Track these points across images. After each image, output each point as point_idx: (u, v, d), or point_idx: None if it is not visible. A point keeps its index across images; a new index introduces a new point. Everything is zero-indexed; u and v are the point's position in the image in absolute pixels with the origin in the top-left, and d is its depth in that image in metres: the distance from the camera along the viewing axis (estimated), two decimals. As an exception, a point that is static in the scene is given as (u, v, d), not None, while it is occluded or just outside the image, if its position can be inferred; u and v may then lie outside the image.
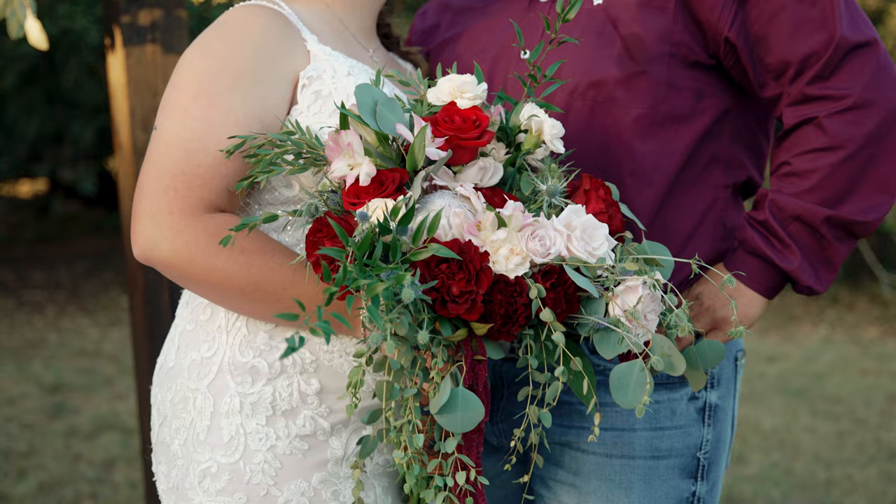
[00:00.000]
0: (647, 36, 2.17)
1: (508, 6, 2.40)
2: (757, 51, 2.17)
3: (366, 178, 1.74)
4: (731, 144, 2.28)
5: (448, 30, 2.52)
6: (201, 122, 1.94)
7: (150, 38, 3.42)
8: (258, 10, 2.07)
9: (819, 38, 2.11)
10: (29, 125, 11.76)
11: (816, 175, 2.12)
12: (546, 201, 1.89)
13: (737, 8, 2.15)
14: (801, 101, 2.15)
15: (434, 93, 1.91)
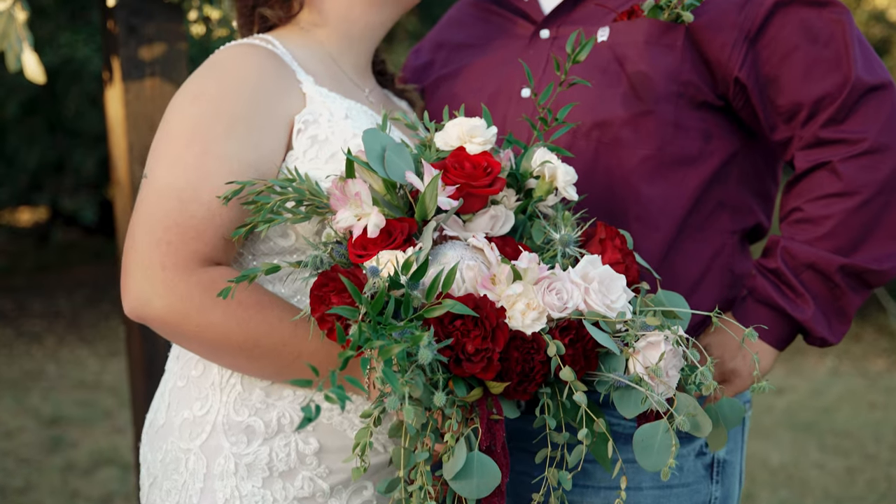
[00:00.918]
0: (655, 75, 2.09)
1: (507, 43, 2.33)
2: (768, 92, 2.09)
3: (374, 230, 1.66)
4: (738, 189, 2.19)
5: (443, 67, 2.44)
6: (195, 170, 1.85)
7: (149, 71, 3.33)
8: (252, 51, 1.99)
9: (833, 80, 2.03)
10: (30, 154, 11.69)
11: (830, 222, 2.04)
12: (560, 251, 1.80)
13: (747, 48, 2.07)
14: (813, 144, 2.07)
15: (442, 137, 1.83)
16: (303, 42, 2.14)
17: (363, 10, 2.19)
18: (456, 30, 2.50)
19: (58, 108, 11.20)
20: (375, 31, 2.24)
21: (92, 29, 10.58)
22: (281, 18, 2.17)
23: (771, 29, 2.07)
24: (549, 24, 2.27)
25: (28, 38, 3.02)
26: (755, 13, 2.07)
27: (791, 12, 2.07)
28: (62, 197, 13.02)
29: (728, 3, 2.09)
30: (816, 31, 2.05)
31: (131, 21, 3.27)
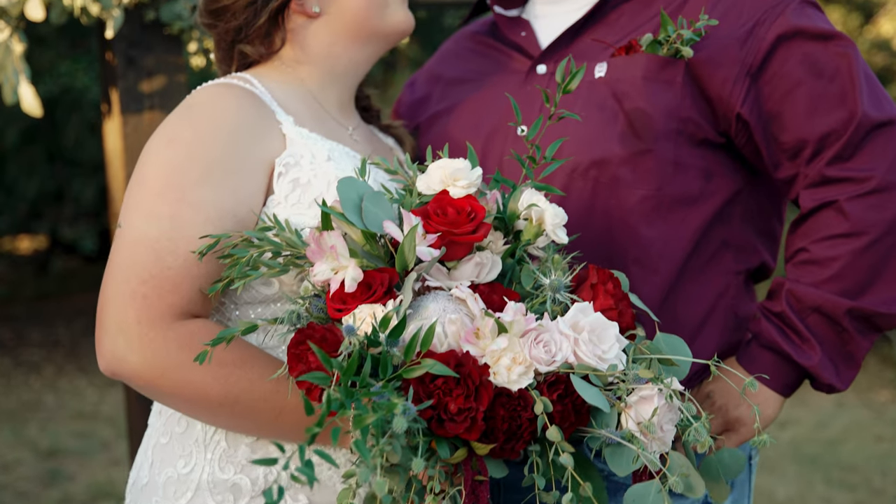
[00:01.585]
0: (653, 112, 2.02)
1: (504, 79, 2.26)
2: (771, 128, 2.02)
3: (352, 284, 1.58)
4: (742, 228, 2.12)
5: (439, 102, 2.37)
6: (170, 219, 1.78)
7: (148, 104, 3.27)
8: (229, 91, 1.92)
9: (838, 116, 1.96)
10: (29, 184, 11.65)
11: (837, 263, 1.96)
12: (549, 297, 1.72)
13: (749, 83, 2.00)
14: (819, 182, 1.99)
15: (424, 180, 1.75)
16: (282, 80, 2.07)
17: (346, 47, 2.12)
18: (452, 63, 2.44)
19: (57, 137, 11.16)
20: (359, 68, 2.17)
21: (91, 58, 10.55)
22: (262, 55, 2.11)
23: (774, 63, 2.01)
24: (545, 60, 2.21)
25: (25, 71, 2.98)
26: (757, 47, 2.01)
27: (794, 46, 2.00)
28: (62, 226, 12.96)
29: (729, 37, 2.03)
30: (821, 66, 1.99)
31: (130, 53, 3.22)
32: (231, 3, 2.07)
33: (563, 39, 2.20)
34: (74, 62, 10.45)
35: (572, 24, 2.19)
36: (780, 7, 2.03)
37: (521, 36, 2.27)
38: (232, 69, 2.14)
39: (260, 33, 2.09)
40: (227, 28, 2.10)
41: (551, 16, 2.27)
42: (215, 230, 1.78)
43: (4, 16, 2.92)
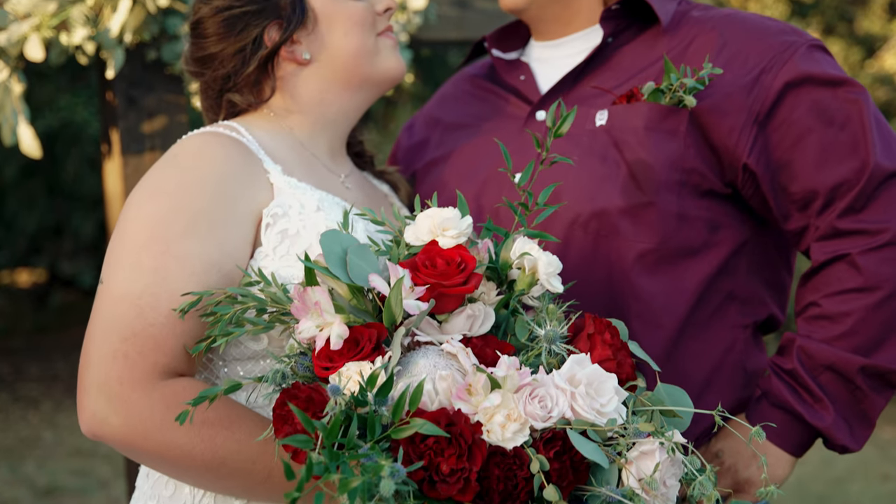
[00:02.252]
0: (655, 163, 1.96)
1: (502, 125, 2.21)
2: (779, 178, 1.96)
3: (337, 341, 1.52)
4: (748, 280, 2.05)
5: (436, 148, 2.32)
6: (153, 273, 1.72)
7: (149, 145, 3.23)
8: (215, 140, 1.87)
9: (850, 166, 1.90)
10: (29, 218, 11.62)
11: (850, 319, 1.90)
12: (545, 349, 1.66)
13: (757, 131, 1.95)
14: (830, 235, 1.93)
15: (412, 231, 1.70)
16: (271, 128, 2.02)
17: (338, 94, 2.08)
18: (450, 107, 2.39)
19: (57, 172, 11.15)
20: (350, 115, 2.13)
21: (91, 92, 10.54)
22: (251, 104, 2.06)
23: (782, 111, 1.95)
24: (544, 106, 2.16)
25: (24, 111, 2.94)
26: (764, 95, 1.95)
27: (803, 93, 1.95)
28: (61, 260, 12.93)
29: (735, 84, 1.97)
30: (831, 113, 1.93)
31: (131, 93, 3.19)
32: (218, 50, 2.03)
33: (563, 85, 2.15)
34: (74, 96, 10.44)
35: (572, 68, 2.14)
36: (787, 53, 1.97)
37: (521, 80, 2.23)
38: (220, 118, 2.09)
39: (249, 81, 2.04)
40: (215, 76, 2.05)
41: (551, 59, 2.22)
42: (200, 284, 1.73)
43: (3, 56, 2.88)
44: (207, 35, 2.03)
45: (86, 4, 2.92)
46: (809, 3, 11.64)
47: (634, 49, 2.12)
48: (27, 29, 2.87)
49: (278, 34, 2.02)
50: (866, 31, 11.41)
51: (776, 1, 11.22)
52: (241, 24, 2.01)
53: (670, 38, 2.08)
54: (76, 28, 2.91)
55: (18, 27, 2.87)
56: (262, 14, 2.01)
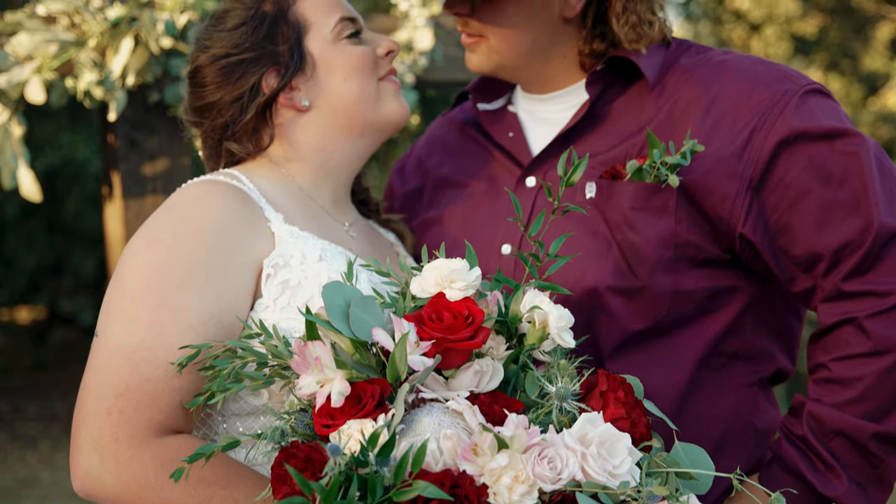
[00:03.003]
0: (646, 244, 1.90)
1: (491, 188, 2.14)
2: (780, 242, 1.88)
3: (338, 398, 1.46)
4: (754, 336, 1.99)
5: (429, 207, 2.25)
6: (149, 326, 1.67)
7: (150, 188, 3.20)
8: (214, 188, 1.82)
9: (853, 225, 1.82)
10: (29, 256, 11.60)
11: (860, 384, 1.83)
12: (556, 406, 1.60)
13: (751, 197, 1.87)
14: (836, 297, 1.86)
15: (419, 283, 1.64)
16: (272, 176, 1.98)
17: (339, 141, 2.03)
18: (441, 156, 2.31)
19: (57, 210, 11.13)
20: (352, 162, 2.07)
21: (93, 130, 10.53)
22: (250, 153, 2.01)
23: (776, 172, 1.87)
24: (534, 171, 2.08)
25: (24, 154, 2.91)
26: (756, 157, 1.87)
27: (798, 150, 1.86)
28: (61, 298, 12.90)
29: (725, 150, 1.89)
30: (829, 170, 1.85)
31: (132, 135, 3.16)
32: (217, 99, 1.99)
33: (552, 149, 2.07)
34: (75, 134, 10.44)
35: (562, 131, 2.05)
36: (779, 107, 1.89)
37: (509, 137, 2.14)
38: (220, 166, 2.05)
39: (247, 129, 2.00)
40: (214, 125, 2.01)
41: (540, 112, 2.15)
42: (198, 337, 1.68)
43: (4, 98, 2.85)
44: (206, 84, 1.99)
45: (88, 47, 2.89)
46: (812, 40, 11.65)
47: (624, 107, 2.04)
48: (28, 71, 2.84)
49: (276, 81, 1.98)
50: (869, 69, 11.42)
51: (779, 38, 11.24)
52: (239, 71, 1.97)
53: (657, 96, 2.00)
54: (83, 73, 2.87)
55: (19, 69, 2.84)
56: (259, 61, 1.98)
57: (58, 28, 2.87)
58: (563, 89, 2.11)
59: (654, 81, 2.00)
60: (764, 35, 11.24)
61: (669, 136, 1.94)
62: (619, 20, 1.99)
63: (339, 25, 2.02)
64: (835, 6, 11.87)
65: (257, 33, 1.98)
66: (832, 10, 11.86)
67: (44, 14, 2.89)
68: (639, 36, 2.00)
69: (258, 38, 1.98)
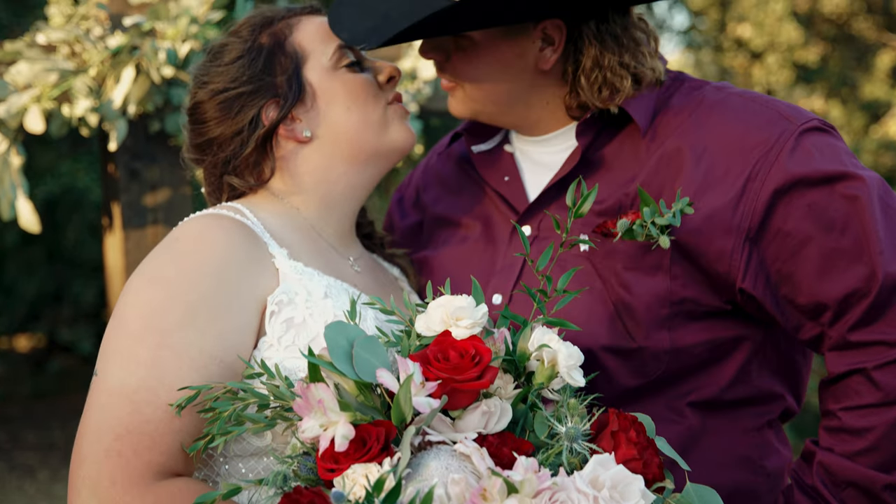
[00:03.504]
0: (640, 305, 1.84)
1: (487, 233, 2.09)
2: (782, 292, 1.82)
3: (342, 442, 1.41)
4: (760, 380, 1.94)
5: (426, 245, 2.21)
6: (149, 366, 1.63)
7: (151, 218, 3.15)
8: (217, 223, 1.79)
9: (857, 274, 1.76)
10: (29, 284, 11.55)
11: (872, 435, 1.78)
12: (566, 447, 1.55)
13: (750, 249, 1.81)
14: (844, 346, 1.80)
15: (424, 321, 1.60)
16: (276, 209, 1.94)
17: (343, 171, 1.99)
18: (437, 190, 2.26)
19: (57, 238, 11.09)
20: (357, 192, 2.03)
21: (93, 158, 10.51)
22: (252, 187, 1.97)
23: (775, 221, 1.80)
24: (529, 219, 2.02)
25: (23, 185, 2.88)
26: (752, 207, 1.80)
27: (795, 197, 1.79)
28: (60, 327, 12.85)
29: (718, 201, 1.82)
30: (830, 216, 1.78)
31: (133, 165, 3.12)
32: (217, 134, 1.96)
33: (546, 197, 2.01)
34: (76, 162, 10.40)
35: (553, 180, 1.99)
36: (773, 152, 1.81)
37: (505, 182, 2.08)
38: (222, 200, 2.01)
39: (248, 163, 1.96)
40: (215, 161, 1.98)
41: (535, 154, 2.08)
42: (199, 377, 1.64)
43: (3, 128, 2.82)
44: (206, 119, 1.97)
45: (88, 75, 2.86)
46: (814, 68, 11.65)
47: (616, 152, 1.97)
48: (27, 100, 2.80)
49: (276, 113, 1.95)
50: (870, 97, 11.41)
51: (781, 67, 11.23)
52: (238, 105, 1.94)
53: (650, 140, 1.93)
54: (78, 99, 2.84)
55: (18, 98, 2.80)
56: (258, 93, 1.95)
57: (58, 57, 2.85)
58: (554, 132, 2.05)
59: (645, 128, 1.93)
60: (766, 63, 11.23)
61: (661, 185, 1.87)
62: (589, 78, 1.93)
63: (337, 54, 1.99)
64: (836, 34, 11.88)
65: (254, 66, 1.95)
66: (833, 38, 11.87)
67: (44, 43, 2.87)
68: (611, 93, 1.93)
69: (255, 70, 1.95)
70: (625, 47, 1.93)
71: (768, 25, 11.00)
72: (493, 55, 1.94)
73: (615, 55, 1.92)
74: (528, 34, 1.91)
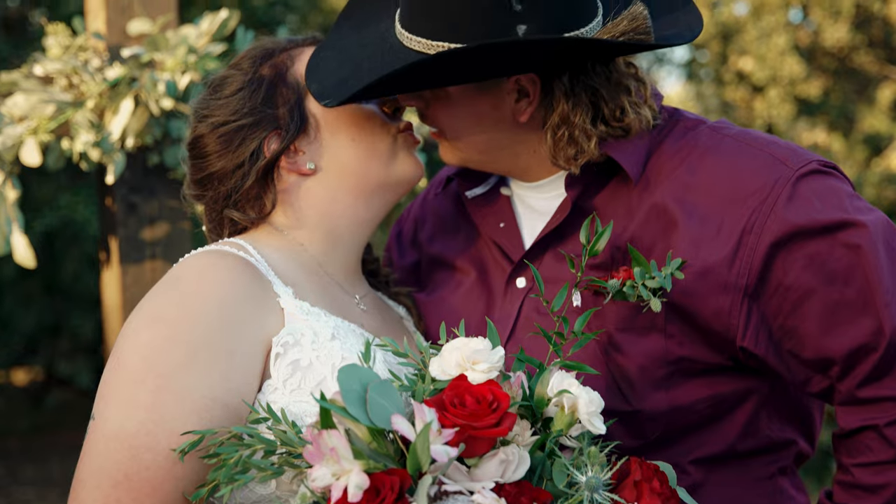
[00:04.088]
0: (634, 367, 1.77)
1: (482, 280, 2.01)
2: (786, 347, 1.74)
3: (356, 492, 1.34)
4: (770, 430, 1.85)
5: (424, 285, 2.13)
6: (149, 410, 1.57)
7: (149, 253, 3.08)
8: (220, 260, 1.72)
9: (864, 328, 1.68)
10: (26, 317, 11.49)
11: (886, 492, 1.72)
12: (586, 497, 1.48)
13: (749, 306, 1.72)
14: (853, 402, 1.73)
15: (438, 364, 1.54)
16: (279, 244, 1.87)
17: (349, 204, 1.92)
18: (433, 227, 2.18)
19: (56, 271, 11.03)
20: (363, 226, 1.96)
21: (92, 190, 10.46)
22: (253, 221, 1.91)
23: (774, 274, 1.72)
24: (524, 271, 1.94)
25: (18, 219, 2.81)
26: (749, 262, 1.72)
27: (795, 249, 1.71)
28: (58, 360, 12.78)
29: (713, 258, 1.74)
30: (832, 267, 1.70)
31: (131, 198, 3.05)
32: (218, 168, 1.90)
33: (541, 244, 1.92)
34: (75, 195, 10.34)
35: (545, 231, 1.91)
36: (768, 202, 1.73)
37: (500, 228, 1.99)
38: (223, 236, 1.95)
39: (250, 196, 1.91)
40: (216, 196, 1.93)
41: (529, 199, 1.98)
42: (202, 422, 1.57)
43: (-2, 160, 2.76)
44: (207, 153, 1.91)
45: (86, 107, 2.80)
46: (816, 102, 11.62)
47: (608, 202, 1.88)
48: (23, 132, 2.74)
49: (277, 144, 1.89)
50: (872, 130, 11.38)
51: (782, 100, 11.20)
52: (239, 138, 1.89)
53: (642, 189, 1.84)
54: (79, 133, 2.78)
55: (14, 130, 2.74)
56: (259, 125, 1.89)
57: (55, 89, 2.80)
58: (546, 178, 1.95)
59: (636, 177, 1.83)
60: (767, 97, 11.20)
61: (653, 240, 1.79)
62: (555, 135, 1.83)
63: None
64: (837, 68, 11.86)
65: (255, 97, 1.90)
66: (835, 71, 11.85)
67: (41, 74, 2.82)
68: (576, 153, 1.83)
69: (256, 102, 1.90)
70: (605, 100, 1.82)
71: (770, 59, 10.97)
72: (469, 107, 1.86)
73: (587, 113, 1.82)
74: (502, 86, 1.83)
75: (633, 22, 1.75)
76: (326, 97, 1.82)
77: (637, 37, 1.75)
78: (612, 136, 1.83)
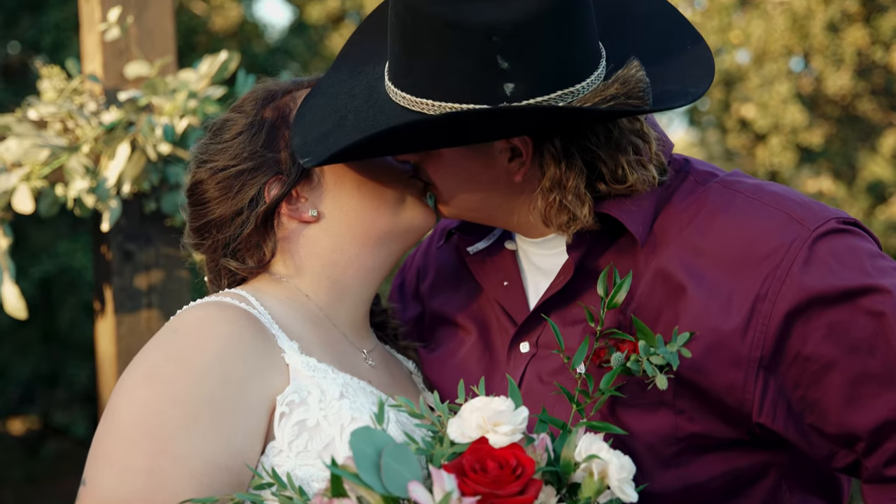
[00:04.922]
0: (642, 445, 1.65)
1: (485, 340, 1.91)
2: (808, 421, 1.63)
3: (369, 570, 1.23)
4: (793, 501, 1.73)
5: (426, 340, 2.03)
6: (146, 475, 1.47)
7: (145, 302, 3.02)
8: (221, 313, 1.63)
9: (890, 401, 1.57)
10: (23, 366, 11.41)
11: None
12: (617, 573, 1.37)
13: (764, 379, 1.61)
14: (881, 480, 1.62)
15: (457, 426, 1.42)
16: (285, 295, 1.78)
17: (355, 253, 1.82)
18: (434, 278, 2.07)
19: (53, 318, 10.96)
20: (371, 277, 1.86)
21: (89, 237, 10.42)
22: (251, 270, 1.81)
23: (792, 345, 1.60)
24: (527, 335, 1.83)
25: (10, 269, 2.73)
26: (764, 332, 1.60)
27: (814, 318, 1.59)
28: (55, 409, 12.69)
29: (724, 328, 1.62)
30: (854, 336, 1.58)
31: (127, 246, 2.99)
32: (217, 216, 1.82)
33: (546, 306, 1.80)
34: (73, 242, 10.31)
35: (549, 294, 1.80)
36: (784, 265, 1.60)
37: (504, 287, 1.88)
38: (223, 286, 1.86)
39: (249, 244, 1.82)
40: (216, 245, 1.84)
41: (533, 256, 1.87)
42: (202, 488, 1.48)
43: (-11, 207, 2.67)
44: (206, 200, 1.83)
45: (81, 152, 2.72)
46: (818, 151, 11.58)
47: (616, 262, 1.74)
48: (16, 179, 2.65)
49: (278, 189, 1.80)
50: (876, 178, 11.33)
51: (784, 148, 11.15)
52: (239, 183, 1.81)
53: (648, 254, 1.72)
54: (74, 179, 2.70)
55: (6, 177, 2.66)
56: (259, 170, 1.81)
57: (49, 133, 2.73)
58: (549, 235, 1.83)
59: (642, 239, 1.72)
60: (770, 144, 11.16)
61: (660, 308, 1.68)
62: (546, 199, 1.72)
63: None
64: (840, 115, 11.84)
65: (256, 141, 1.82)
66: (838, 118, 11.83)
67: (35, 118, 2.75)
68: (567, 220, 1.72)
69: (257, 145, 1.82)
70: (604, 161, 1.70)
71: (772, 107, 10.95)
72: (460, 167, 1.76)
73: (581, 176, 1.70)
74: (494, 146, 1.72)
75: (624, 86, 1.61)
76: (307, 154, 1.72)
77: (629, 102, 1.61)
78: (615, 195, 1.72)
